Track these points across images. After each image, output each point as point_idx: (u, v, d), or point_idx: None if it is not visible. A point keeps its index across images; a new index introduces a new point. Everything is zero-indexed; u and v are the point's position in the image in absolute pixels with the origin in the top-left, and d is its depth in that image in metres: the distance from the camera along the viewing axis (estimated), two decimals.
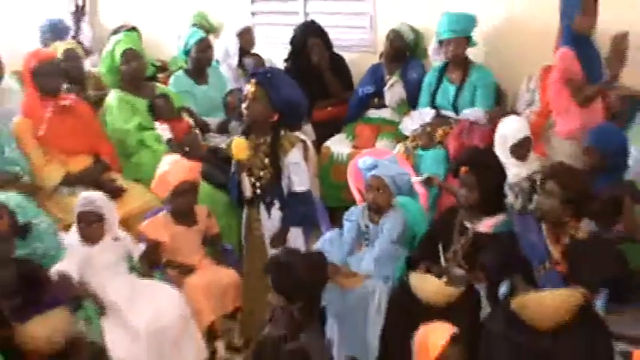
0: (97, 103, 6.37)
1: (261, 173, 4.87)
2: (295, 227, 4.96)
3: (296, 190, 4.87)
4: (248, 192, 4.92)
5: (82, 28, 7.93)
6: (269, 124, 4.83)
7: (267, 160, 4.85)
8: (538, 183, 4.36)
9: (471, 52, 6.35)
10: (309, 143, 6.30)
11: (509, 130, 5.41)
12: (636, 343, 4.59)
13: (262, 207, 4.94)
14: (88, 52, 7.56)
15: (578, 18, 5.45)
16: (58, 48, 6.46)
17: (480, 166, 4.64)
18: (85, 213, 4.52)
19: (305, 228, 5.06)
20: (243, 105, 4.88)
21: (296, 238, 4.95)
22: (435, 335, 3.43)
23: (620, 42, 5.16)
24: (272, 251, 4.86)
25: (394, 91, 6.72)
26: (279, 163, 4.83)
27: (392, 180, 4.89)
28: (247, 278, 5.03)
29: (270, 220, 4.94)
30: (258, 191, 4.91)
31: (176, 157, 5.09)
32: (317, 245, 5.02)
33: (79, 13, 7.83)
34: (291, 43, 7.06)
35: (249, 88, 4.82)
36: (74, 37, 7.55)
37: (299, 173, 4.86)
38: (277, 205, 4.91)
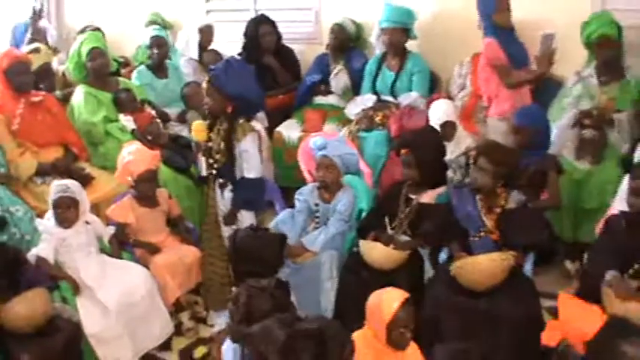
0: (65, 98, 6.31)
1: (217, 156, 4.89)
2: (244, 210, 4.99)
3: (246, 176, 4.89)
4: (204, 171, 4.94)
5: (43, 29, 7.79)
6: (225, 113, 4.83)
7: (222, 145, 4.87)
8: (471, 159, 4.41)
9: (407, 42, 6.39)
10: (263, 131, 6.30)
11: (434, 114, 5.47)
12: None
13: (217, 187, 4.97)
14: (55, 51, 7.44)
15: (494, 15, 5.52)
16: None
17: (417, 147, 4.68)
18: (62, 199, 4.48)
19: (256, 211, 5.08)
20: (205, 99, 4.97)
21: (247, 218, 4.95)
22: (387, 299, 3.44)
23: (549, 43, 5.23)
24: (225, 228, 4.93)
25: (339, 78, 6.77)
26: (233, 149, 4.85)
27: (340, 159, 4.90)
28: (206, 252, 5.05)
29: (224, 200, 4.98)
30: (214, 172, 4.92)
31: (135, 146, 5.07)
32: (271, 226, 5.02)
33: (35, 16, 7.70)
34: (245, 34, 7.03)
35: (204, 84, 4.90)
36: (32, 40, 7.43)
37: (250, 160, 4.88)
38: (230, 187, 4.92)
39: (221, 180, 4.98)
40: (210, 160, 4.92)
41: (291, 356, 2.75)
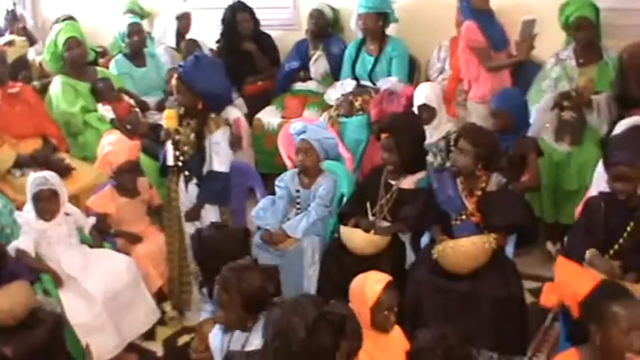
0: (43, 89, 6.28)
1: (185, 148, 4.84)
2: (210, 204, 4.91)
3: (215, 169, 4.83)
4: (171, 161, 4.84)
5: (21, 17, 7.73)
6: (196, 109, 4.81)
7: (192, 137, 4.82)
8: (452, 142, 4.42)
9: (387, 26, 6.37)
10: (242, 118, 6.30)
11: (415, 96, 5.47)
12: (542, 281, 4.73)
13: (181, 180, 4.89)
14: (31, 42, 7.39)
15: None
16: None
17: (397, 131, 4.69)
18: (42, 191, 4.45)
19: (222, 206, 4.99)
20: (175, 96, 4.92)
21: (211, 215, 4.88)
22: (370, 282, 3.46)
23: (529, 28, 5.23)
24: (187, 224, 4.86)
25: (319, 64, 6.75)
26: (203, 141, 4.81)
27: (319, 143, 4.91)
28: (167, 247, 4.98)
29: (187, 194, 4.89)
30: (180, 164, 4.86)
31: (115, 136, 5.06)
32: (252, 214, 5.03)
33: (9, 15, 7.65)
34: (222, 21, 7.00)
35: (173, 81, 4.84)
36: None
37: (220, 153, 4.83)
38: (195, 180, 4.87)
39: (186, 173, 4.88)
40: (177, 153, 4.85)
41: (315, 335, 2.73)
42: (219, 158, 4.83)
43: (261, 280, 3.27)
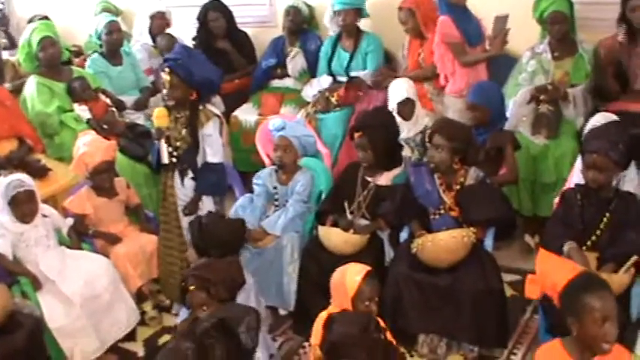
0: (17, 90, 6.22)
1: (178, 144, 4.82)
2: (206, 196, 4.91)
3: (209, 161, 4.83)
4: (165, 159, 4.84)
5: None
6: (189, 101, 4.78)
7: (184, 132, 4.81)
8: (427, 138, 4.42)
9: (362, 21, 6.40)
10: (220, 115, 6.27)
11: (392, 92, 5.47)
12: (521, 273, 4.76)
13: (177, 175, 4.89)
14: (12, 44, 7.36)
15: None
16: None
17: (369, 130, 4.69)
18: (21, 194, 4.40)
19: (217, 197, 5.01)
20: (165, 91, 4.89)
21: (207, 207, 4.88)
22: (350, 273, 3.47)
23: (502, 24, 5.25)
24: (184, 218, 4.84)
25: (296, 61, 6.74)
26: (196, 134, 4.79)
27: (297, 140, 4.92)
28: (163, 243, 4.98)
29: (183, 188, 4.88)
30: (174, 160, 4.85)
31: (90, 137, 5.02)
32: (231, 212, 5.01)
33: None
34: (197, 19, 6.98)
35: (164, 76, 4.77)
36: None
37: (213, 145, 4.83)
38: (190, 174, 4.86)
39: (181, 168, 4.88)
40: (170, 149, 4.84)
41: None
42: (213, 150, 4.84)
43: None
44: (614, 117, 4.43)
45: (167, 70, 4.73)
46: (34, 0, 8.26)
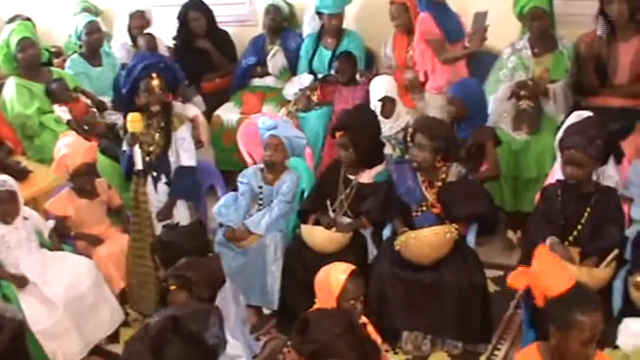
0: None
1: (151, 148, 4.79)
2: (181, 200, 4.89)
3: (184, 164, 4.82)
4: (139, 164, 4.77)
5: None
6: (165, 103, 4.76)
7: (157, 136, 4.78)
8: (409, 137, 4.43)
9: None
10: (201, 115, 6.26)
11: (373, 89, 5.48)
12: (504, 269, 4.78)
13: (150, 181, 4.83)
14: None
15: None
16: None
17: (351, 128, 4.69)
18: (2, 193, 4.38)
19: (191, 201, 4.98)
20: (146, 97, 4.72)
21: (181, 212, 4.88)
22: (335, 272, 3.46)
23: (481, 21, 5.26)
24: (158, 225, 4.81)
25: (276, 59, 6.74)
26: (170, 138, 4.77)
27: (289, 140, 4.91)
28: (134, 253, 4.86)
29: (157, 194, 4.84)
30: (147, 165, 4.80)
31: (71, 138, 4.98)
32: (214, 210, 4.99)
33: None
34: (178, 18, 6.96)
35: (154, 82, 4.68)
36: None
37: (187, 149, 4.82)
38: (164, 179, 4.83)
39: (154, 174, 4.83)
40: (143, 154, 4.78)
41: None
42: (187, 153, 4.83)
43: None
44: (589, 113, 4.43)
45: (154, 75, 4.68)
46: (13, 0, 8.21)
